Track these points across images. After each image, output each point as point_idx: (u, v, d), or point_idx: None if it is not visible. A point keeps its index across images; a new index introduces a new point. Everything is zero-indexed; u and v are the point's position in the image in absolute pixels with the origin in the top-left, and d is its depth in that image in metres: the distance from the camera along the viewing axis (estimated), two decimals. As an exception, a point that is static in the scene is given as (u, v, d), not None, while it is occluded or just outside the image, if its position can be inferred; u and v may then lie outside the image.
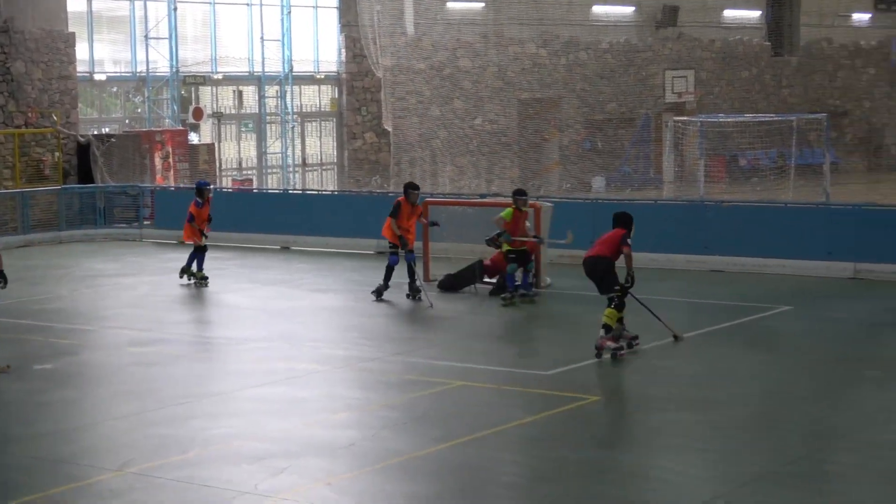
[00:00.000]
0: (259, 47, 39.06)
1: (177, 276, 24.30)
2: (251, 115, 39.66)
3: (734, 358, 17.02)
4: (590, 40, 46.62)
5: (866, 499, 10.94)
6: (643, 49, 48.12)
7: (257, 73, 39.23)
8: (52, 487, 11.47)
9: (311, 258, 26.78)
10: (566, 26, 45.88)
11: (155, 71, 36.50)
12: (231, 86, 39.02)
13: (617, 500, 10.87)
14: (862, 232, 23.36)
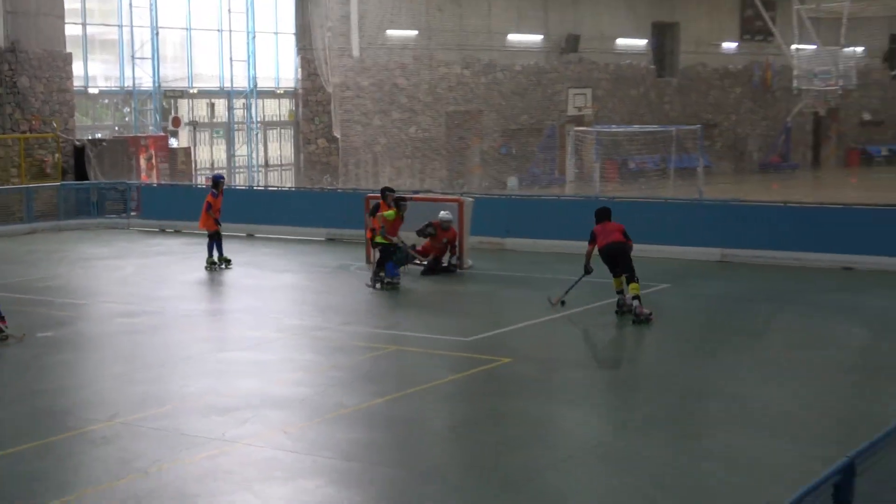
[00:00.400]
0: (228, 66, 38.84)
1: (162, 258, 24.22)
2: (221, 123, 39.42)
3: (621, 326, 17.22)
4: (505, 63, 46.70)
5: (728, 439, 11.15)
6: (550, 70, 48.26)
7: (227, 89, 39.02)
8: (53, 435, 11.46)
9: (273, 244, 26.73)
10: (486, 51, 45.93)
11: (140, 86, 36.20)
12: (204, 99, 38.77)
13: (523, 444, 10.99)
14: (728, 223, 23.66)
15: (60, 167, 33.09)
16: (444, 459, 10.95)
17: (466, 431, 11.78)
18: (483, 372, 14.04)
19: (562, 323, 17.28)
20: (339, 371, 14.18)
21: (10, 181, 31.74)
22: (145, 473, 10.11)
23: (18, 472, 10.38)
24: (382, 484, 9.95)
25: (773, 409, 12.20)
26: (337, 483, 9.92)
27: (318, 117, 41.15)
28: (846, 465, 6.40)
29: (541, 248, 24.78)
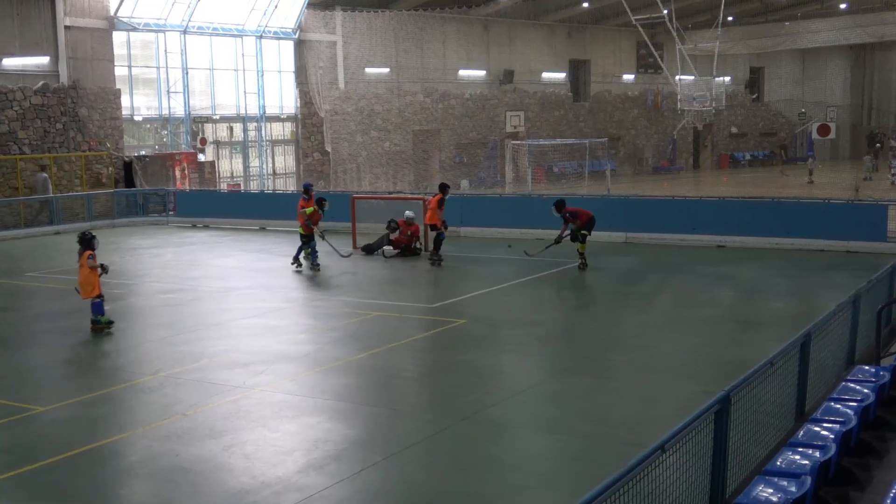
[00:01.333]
0: (243, 98, 38.47)
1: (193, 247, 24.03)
2: (238, 142, 39.08)
3: (549, 293, 17.29)
4: (457, 92, 46.61)
5: (633, 380, 11.22)
6: (491, 98, 48.21)
7: (242, 115, 38.67)
8: (111, 386, 11.36)
9: (281, 235, 26.57)
10: (442, 83, 45.80)
11: (174, 113, 35.82)
12: (225, 123, 38.41)
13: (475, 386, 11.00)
14: (630, 212, 23.80)
15: (113, 178, 32.75)
16: (415, 399, 10.95)
17: (432, 377, 11.77)
18: (444, 331, 14.04)
19: (504, 292, 17.28)
20: (333, 332, 14.13)
21: (74, 189, 31.38)
22: (183, 415, 10.03)
23: (86, 415, 10.27)
24: (369, 419, 9.92)
25: (665, 356, 12.29)
26: (334, 419, 9.88)
27: (313, 136, 40.91)
28: (724, 397, 6.45)
29: (488, 234, 24.81)
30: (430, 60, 45.23)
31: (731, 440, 6.55)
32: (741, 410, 6.78)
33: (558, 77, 51.80)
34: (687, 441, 5.98)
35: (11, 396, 10.98)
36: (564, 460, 8.69)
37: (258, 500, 7.70)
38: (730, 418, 6.50)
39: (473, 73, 47.46)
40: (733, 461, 6.67)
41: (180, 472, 8.40)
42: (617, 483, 4.98)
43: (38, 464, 8.66)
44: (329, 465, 8.46)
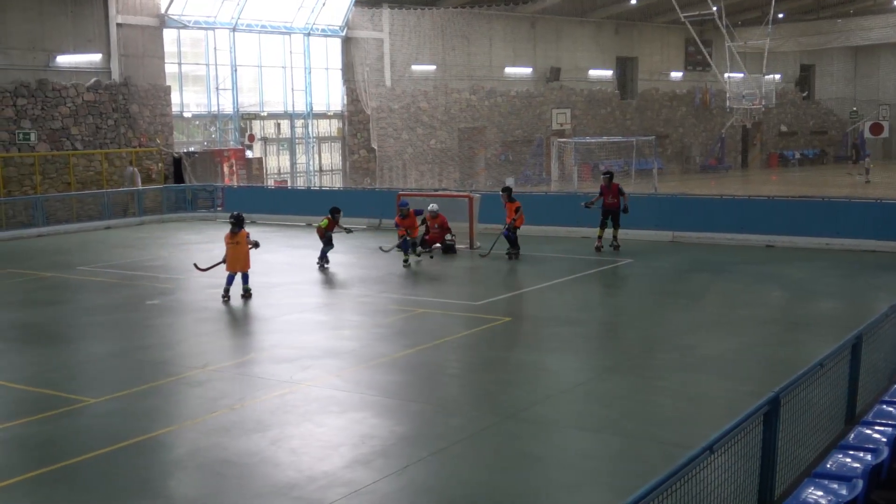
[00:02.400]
0: (290, 95, 38.78)
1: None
2: (286, 139, 39.38)
3: (595, 292, 17.20)
4: (504, 89, 46.55)
5: (679, 380, 11.11)
6: (537, 95, 48.08)
7: (289, 112, 38.97)
8: (159, 379, 11.49)
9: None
10: (488, 80, 45.77)
11: (223, 110, 36.18)
12: (272, 120, 38.73)
13: (519, 384, 10.98)
14: (677, 211, 23.59)
15: (163, 174, 33.15)
16: (460, 396, 10.94)
17: (476, 374, 11.77)
18: (489, 328, 14.02)
19: (549, 290, 17.23)
20: (379, 328, 14.19)
21: (124, 184, 31.82)
22: (231, 408, 10.13)
23: (135, 407, 10.41)
24: (415, 415, 9.94)
25: (712, 356, 12.16)
26: (380, 415, 9.91)
27: (359, 133, 41.09)
28: (773, 398, 6.37)
29: (532, 232, 24.67)
30: (476, 58, 45.21)
31: (780, 442, 6.48)
32: (790, 412, 6.70)
33: (605, 74, 51.51)
34: (735, 442, 5.92)
35: (63, 388, 11.17)
36: (609, 459, 8.64)
37: (305, 495, 7.75)
38: (779, 420, 6.43)
39: (520, 70, 47.36)
40: (782, 463, 6.59)
41: (227, 465, 8.49)
42: (665, 483, 4.94)
43: (89, 455, 8.80)
44: (375, 461, 8.49)
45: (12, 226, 28.15)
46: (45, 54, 30.14)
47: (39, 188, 29.65)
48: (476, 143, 45.66)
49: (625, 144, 44.36)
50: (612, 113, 51.96)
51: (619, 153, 45.80)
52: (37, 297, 17.52)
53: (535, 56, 48.04)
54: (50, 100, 30.15)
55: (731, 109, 50.99)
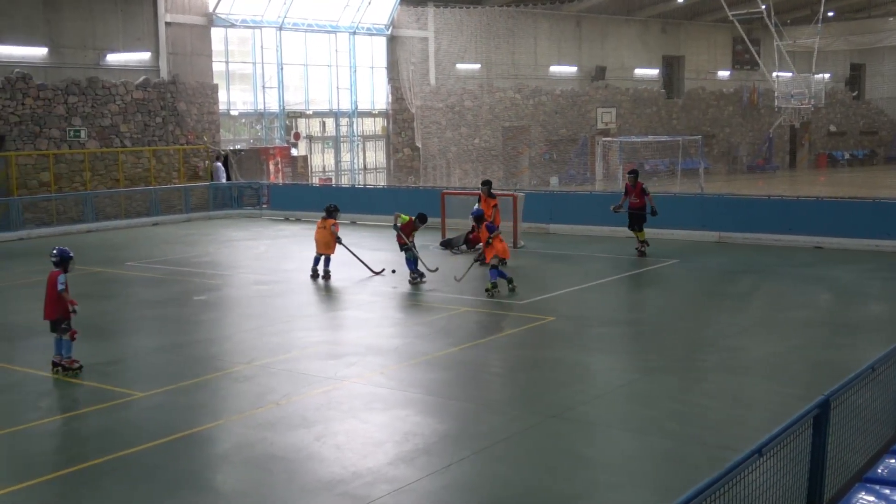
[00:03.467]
0: (336, 93, 39.00)
1: (286, 240, 24.46)
2: (331, 137, 39.61)
3: (639, 292, 17.09)
4: (548, 88, 46.43)
5: (725, 382, 11.01)
6: (582, 94, 47.89)
7: (334, 110, 39.18)
8: (207, 374, 11.63)
9: (371, 230, 26.84)
10: (533, 79, 45.69)
11: (268, 108, 36.48)
12: (318, 118, 38.97)
13: (563, 384, 10.96)
14: (724, 211, 23.36)
15: (210, 171, 33.50)
16: (504, 395, 10.94)
17: (520, 374, 11.75)
18: (532, 328, 14.00)
19: (594, 290, 17.17)
20: (422, 326, 14.22)
21: (172, 182, 32.21)
22: (276, 404, 10.22)
23: (183, 402, 10.55)
24: (458, 413, 9.96)
25: (758, 358, 12.04)
26: (423, 412, 9.94)
27: (404, 132, 41.21)
28: (823, 402, 6.30)
29: (577, 231, 24.68)
30: (521, 56, 45.14)
31: (829, 446, 6.40)
32: (840, 416, 6.61)
33: (651, 73, 51.17)
34: (784, 446, 5.86)
35: (112, 382, 11.34)
36: (654, 461, 8.59)
37: (349, 491, 7.80)
38: (829, 423, 6.35)
39: (565, 69, 47.21)
40: (831, 467, 6.51)
41: (273, 459, 8.57)
42: (713, 486, 4.91)
43: (137, 448, 8.93)
44: (419, 458, 8.52)
45: (63, 221, 28.62)
46: (96, 53, 30.60)
47: (89, 185, 30.11)
48: (520, 142, 45.59)
49: (670, 144, 44.01)
50: (658, 112, 51.60)
51: (665, 153, 45.49)
52: (86, 292, 17.78)
53: (581, 55, 47.85)
54: (100, 97, 30.60)
55: (780, 109, 50.40)
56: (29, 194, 28.63)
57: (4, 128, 28.43)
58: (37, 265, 21.20)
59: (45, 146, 29.35)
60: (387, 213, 24.07)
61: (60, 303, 11.38)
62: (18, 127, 28.72)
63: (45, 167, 29.29)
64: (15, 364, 12.36)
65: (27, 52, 29.02)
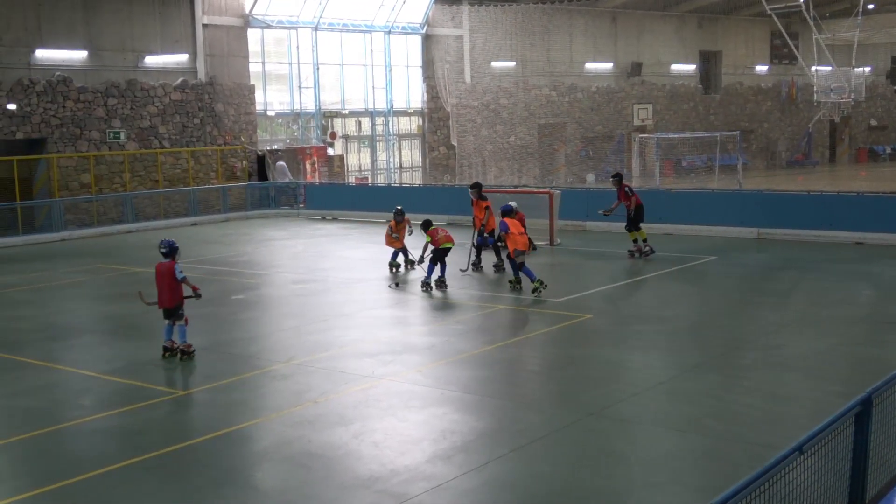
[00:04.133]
0: (371, 92, 39.14)
1: (323, 239, 24.58)
2: (367, 136, 39.75)
3: (677, 289, 16.96)
4: (584, 85, 46.25)
5: (765, 379, 10.92)
6: (618, 90, 47.67)
7: (370, 109, 39.33)
8: (245, 373, 11.72)
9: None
10: (569, 76, 45.55)
11: (305, 108, 36.68)
12: (354, 117, 39.13)
13: (601, 382, 10.92)
14: (763, 207, 23.13)
15: (247, 171, 33.78)
16: (541, 393, 10.92)
17: (557, 371, 11.72)
18: (569, 325, 13.96)
19: (631, 287, 17.09)
20: (458, 324, 14.23)
21: (210, 182, 32.51)
22: (314, 402, 10.28)
23: (222, 400, 10.65)
24: (495, 411, 9.96)
25: (799, 355, 11.91)
26: (460, 410, 9.95)
27: (439, 130, 41.26)
28: (865, 399, 6.22)
29: (613, 229, 24.50)
30: (556, 53, 45.02)
31: (871, 443, 6.32)
32: (882, 413, 6.53)
33: (688, 69, 50.81)
34: (826, 443, 5.81)
35: (154, 380, 11.48)
36: (694, 458, 8.53)
37: (387, 488, 7.83)
38: (871, 421, 6.27)
39: (600, 65, 47.01)
40: (873, 466, 6.43)
41: (312, 457, 8.62)
42: (753, 483, 4.87)
43: (179, 445, 9.03)
44: (456, 456, 8.53)
45: (103, 222, 28.99)
46: (135, 55, 30.94)
47: (129, 186, 30.46)
48: (556, 140, 45.47)
49: (708, 139, 43.69)
50: (695, 108, 51.23)
51: (702, 149, 45.15)
52: (127, 291, 17.99)
53: (617, 51, 47.62)
54: (139, 99, 30.94)
55: (819, 103, 49.79)
56: (70, 196, 29.03)
57: (46, 130, 28.84)
58: (78, 265, 21.52)
59: (86, 148, 29.74)
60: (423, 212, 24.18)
61: (177, 290, 12.26)
62: (59, 129, 29.12)
63: (86, 169, 29.68)
64: (58, 363, 12.55)
65: (68, 55, 29.41)
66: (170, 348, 12.44)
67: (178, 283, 12.29)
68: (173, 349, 12.42)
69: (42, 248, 25.24)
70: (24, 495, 7.92)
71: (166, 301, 12.35)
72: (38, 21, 28.69)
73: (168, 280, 12.31)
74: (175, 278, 12.26)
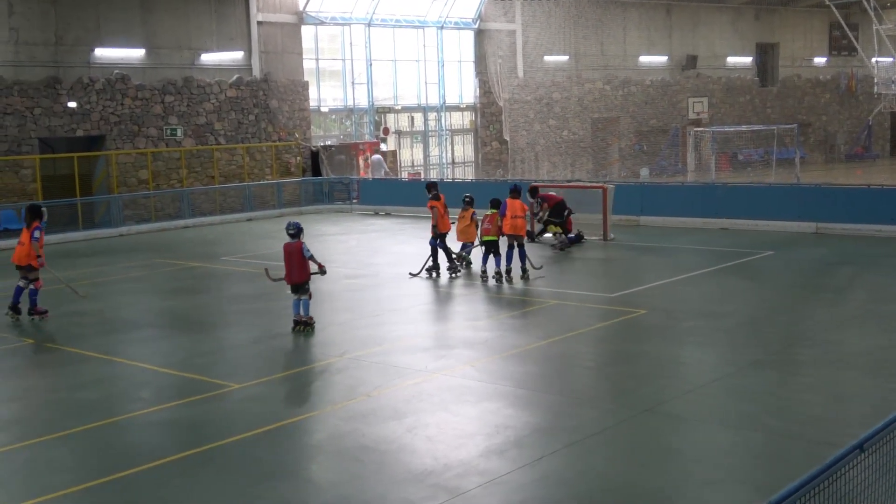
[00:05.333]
0: (424, 88, 39.20)
1: (376, 234, 24.66)
2: (419, 131, 39.83)
3: (734, 285, 16.72)
4: (638, 79, 45.87)
5: (824, 376, 10.73)
6: (673, 84, 47.18)
7: (423, 105, 39.39)
8: (300, 367, 11.82)
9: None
10: (622, 70, 45.20)
11: (358, 104, 36.86)
12: (406, 113, 39.22)
13: (656, 378, 10.81)
14: (821, 202, 22.72)
15: (301, 167, 34.03)
16: (595, 388, 10.84)
17: (611, 367, 11.63)
18: (623, 321, 13.85)
19: (685, 282, 16.88)
20: (512, 319, 14.19)
21: (264, 178, 32.82)
22: (368, 396, 10.32)
23: (277, 393, 10.75)
24: (549, 406, 9.91)
25: (858, 352, 11.68)
26: (513, 405, 9.92)
27: (491, 125, 41.18)
28: (929, 397, 6.06)
29: (668, 223, 24.31)
30: (610, 47, 44.70)
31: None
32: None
33: (744, 61, 50.12)
34: (887, 441, 5.67)
35: (209, 373, 11.61)
36: (750, 456, 8.41)
37: (441, 482, 7.83)
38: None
39: (655, 58, 46.56)
40: (938, 465, 6.27)
41: (366, 450, 8.65)
42: (812, 482, 4.77)
43: (234, 437, 9.12)
44: (510, 451, 8.50)
45: (160, 218, 29.43)
46: (191, 53, 31.33)
47: (185, 182, 30.87)
48: (609, 134, 45.16)
49: (765, 133, 43.05)
50: (752, 101, 50.53)
51: (759, 142, 44.53)
52: (184, 285, 18.25)
53: (671, 44, 47.13)
54: (195, 96, 31.33)
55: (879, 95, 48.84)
56: (128, 192, 29.50)
57: (105, 127, 29.33)
58: (137, 260, 21.85)
59: (144, 145, 30.20)
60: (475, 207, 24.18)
61: (305, 267, 13.41)
62: (118, 126, 29.60)
63: (144, 165, 30.14)
64: (117, 356, 12.75)
65: (126, 53, 29.88)
66: (299, 321, 13.48)
67: (306, 261, 13.36)
68: (301, 322, 13.47)
69: (101, 243, 25.69)
70: (83, 486, 8.06)
71: (295, 277, 13.44)
72: (97, 21, 29.17)
73: (296, 258, 13.40)
74: (303, 256, 13.35)
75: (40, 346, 13.47)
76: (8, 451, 9.03)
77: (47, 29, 28.21)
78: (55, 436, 9.42)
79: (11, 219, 26.24)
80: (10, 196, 27.18)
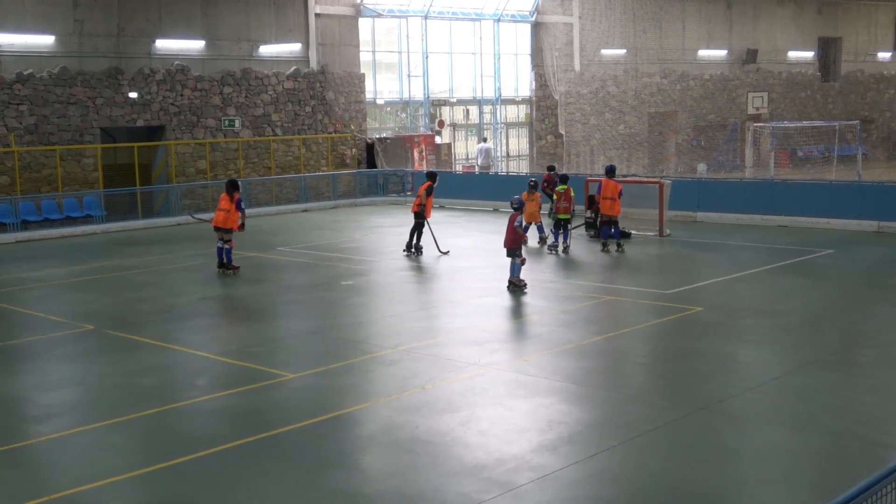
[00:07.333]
0: (480, 81, 39.12)
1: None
2: (474, 124, 39.78)
3: (793, 283, 16.45)
4: (696, 73, 45.32)
5: (883, 379, 10.52)
6: (733, 78, 46.53)
7: (478, 98, 39.32)
8: (354, 358, 11.87)
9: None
10: (680, 64, 44.68)
11: (413, 97, 36.91)
12: (462, 106, 39.19)
13: (712, 376, 10.68)
14: (884, 200, 22.28)
15: (357, 159, 34.19)
16: (648, 385, 10.74)
17: (667, 364, 11.51)
18: (679, 318, 13.70)
19: (744, 280, 16.65)
20: (566, 314, 14.12)
21: (320, 169, 33.02)
22: (422, 388, 10.34)
23: (331, 383, 10.80)
24: (602, 403, 9.85)
25: (924, 353, 11.44)
26: (567, 401, 9.87)
27: (547, 118, 40.99)
28: None
29: (725, 220, 24.02)
30: (668, 41, 44.21)
31: None
32: None
33: (806, 56, 49.24)
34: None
35: (266, 363, 11.72)
36: (809, 457, 8.27)
37: (493, 476, 7.82)
38: None
39: (714, 52, 45.96)
40: None
41: (419, 443, 8.67)
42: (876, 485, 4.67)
43: (290, 426, 9.20)
44: (562, 447, 8.46)
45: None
46: (250, 45, 31.62)
47: (242, 172, 31.18)
48: (666, 128, 44.70)
49: (826, 129, 42.27)
50: (813, 96, 49.64)
51: (820, 138, 43.75)
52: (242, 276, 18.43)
53: (731, 38, 46.47)
54: (253, 88, 31.62)
55: (946, 91, 47.72)
56: (186, 181, 29.88)
57: (165, 118, 29.74)
58: (195, 249, 22.13)
59: (202, 135, 30.56)
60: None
61: (516, 236, 15.69)
62: (177, 117, 29.99)
63: (202, 155, 30.50)
64: (176, 344, 12.94)
65: (186, 45, 30.24)
66: (515, 283, 15.56)
67: (515, 231, 15.60)
68: (518, 284, 15.54)
69: (160, 232, 26.07)
70: (140, 471, 8.19)
71: (507, 242, 15.76)
72: (158, 12, 29.56)
73: (509, 227, 15.68)
74: (514, 227, 15.60)
75: (100, 332, 13.71)
76: (68, 436, 9.21)
77: (110, 21, 28.67)
78: (114, 421, 9.58)
79: (73, 207, 26.75)
80: (73, 184, 27.69)
